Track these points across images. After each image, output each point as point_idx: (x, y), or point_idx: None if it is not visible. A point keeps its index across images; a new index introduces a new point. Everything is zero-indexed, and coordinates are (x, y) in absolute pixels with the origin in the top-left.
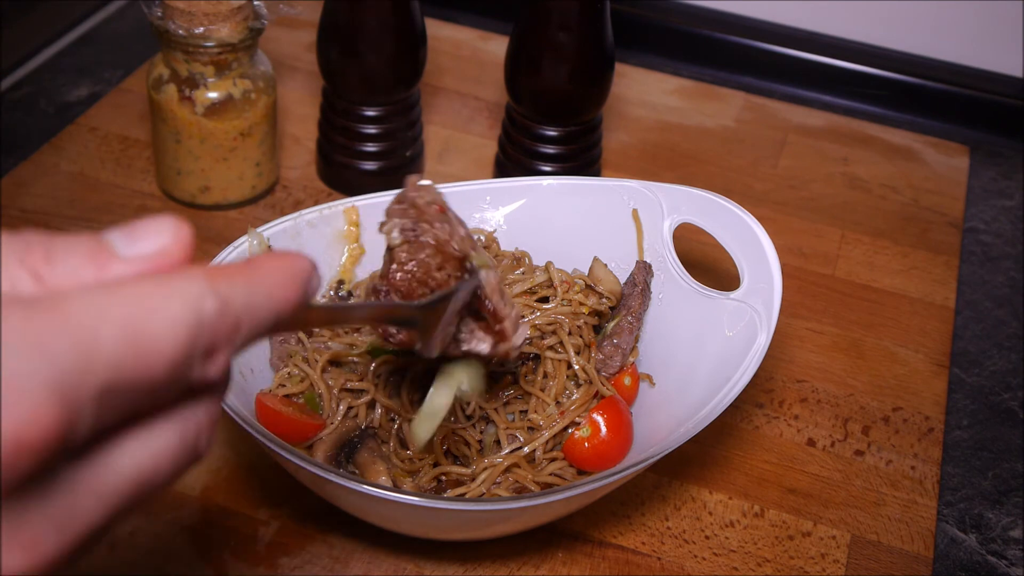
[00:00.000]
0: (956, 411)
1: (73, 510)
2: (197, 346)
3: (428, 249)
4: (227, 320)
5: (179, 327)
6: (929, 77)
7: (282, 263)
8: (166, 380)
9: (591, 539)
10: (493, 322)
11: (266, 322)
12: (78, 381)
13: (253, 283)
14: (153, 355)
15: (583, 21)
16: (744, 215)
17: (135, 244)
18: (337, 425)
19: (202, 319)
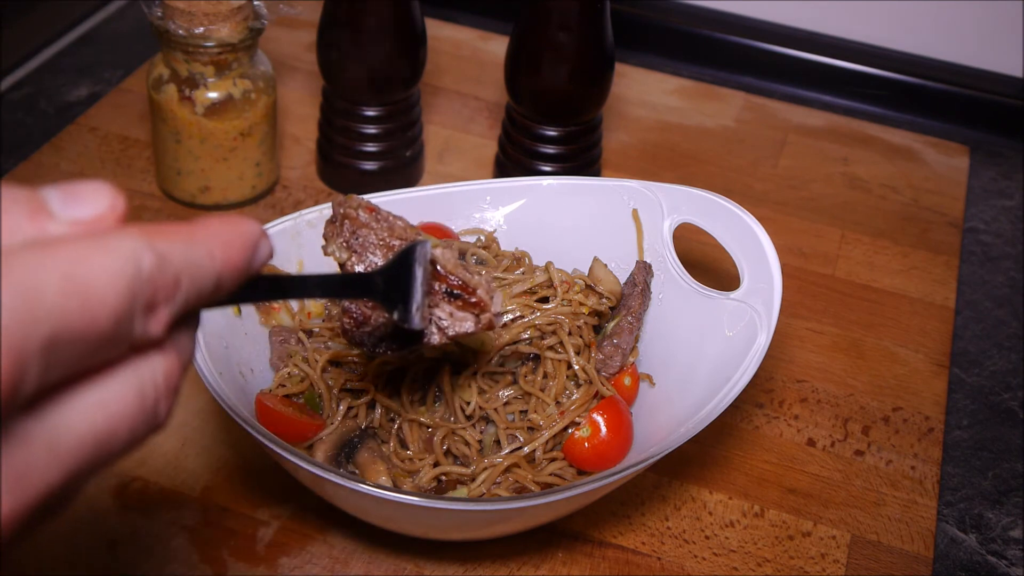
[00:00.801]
0: (956, 411)
1: (27, 467)
2: (137, 299)
3: (376, 250)
4: (166, 276)
5: (118, 279)
6: (929, 77)
7: (226, 225)
8: (110, 332)
9: (591, 539)
10: (467, 294)
11: (207, 282)
12: (23, 332)
13: (193, 242)
14: (95, 306)
15: (583, 21)
16: (744, 215)
17: (72, 206)
18: (337, 425)
19: (140, 272)
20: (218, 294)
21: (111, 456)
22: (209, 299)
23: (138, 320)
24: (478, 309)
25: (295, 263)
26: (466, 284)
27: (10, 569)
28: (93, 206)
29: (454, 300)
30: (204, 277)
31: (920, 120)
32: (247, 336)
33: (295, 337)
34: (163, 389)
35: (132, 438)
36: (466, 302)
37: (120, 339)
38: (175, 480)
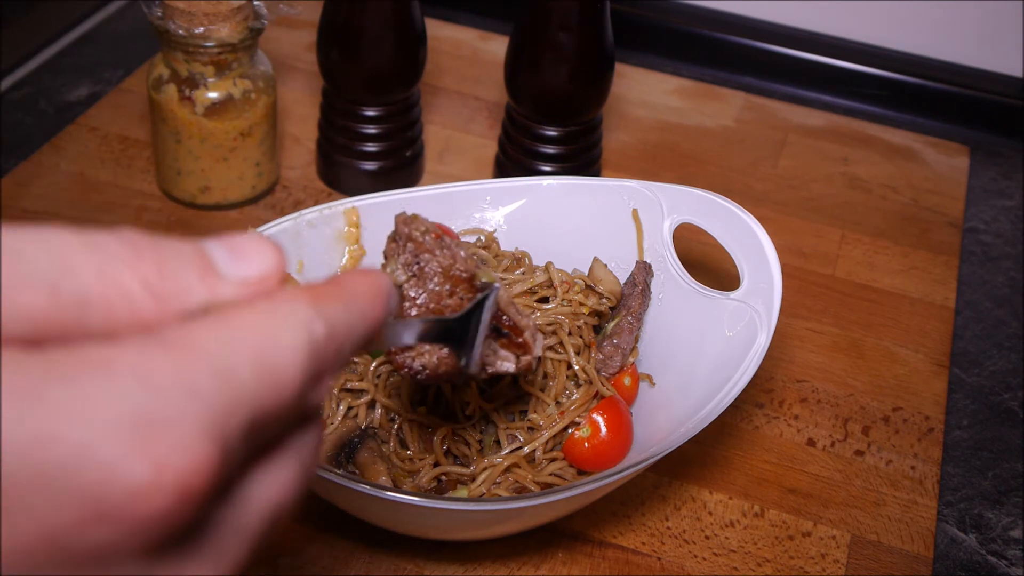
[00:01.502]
0: (956, 411)
1: (222, 553)
2: (313, 372)
3: (435, 278)
4: (333, 344)
5: (300, 355)
6: (929, 77)
7: (368, 281)
8: (293, 409)
9: (591, 539)
10: (515, 335)
11: (360, 343)
12: (227, 420)
13: (349, 303)
14: (283, 384)
15: (583, 21)
16: (744, 215)
17: (238, 265)
18: (337, 425)
19: (314, 343)
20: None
21: (277, 526)
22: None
23: (311, 391)
24: (521, 351)
25: (295, 263)
26: (516, 325)
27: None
28: (259, 265)
29: (500, 337)
30: (358, 339)
31: (920, 120)
32: None
33: None
34: (315, 448)
35: (295, 502)
36: (511, 341)
37: (296, 414)
38: None
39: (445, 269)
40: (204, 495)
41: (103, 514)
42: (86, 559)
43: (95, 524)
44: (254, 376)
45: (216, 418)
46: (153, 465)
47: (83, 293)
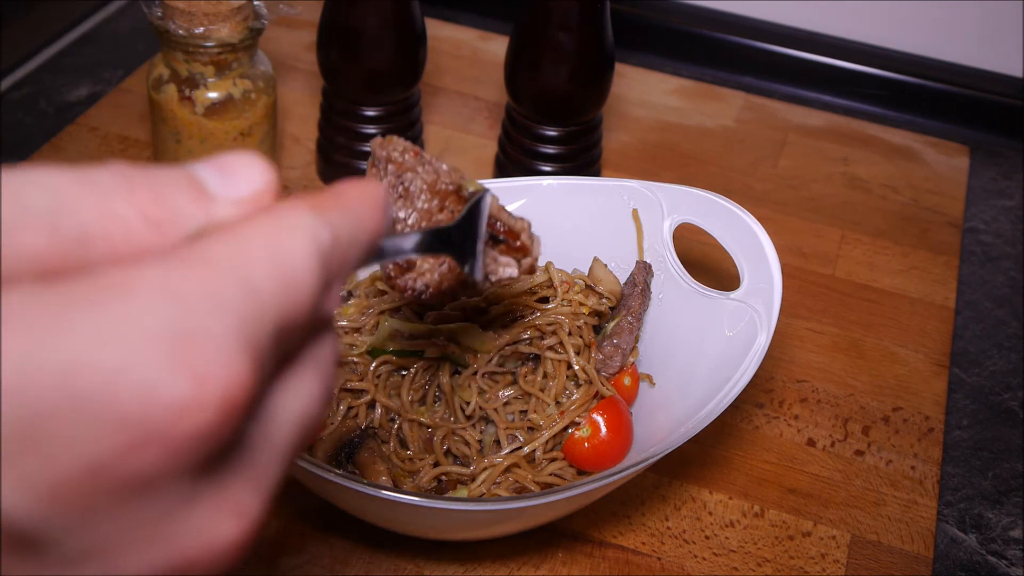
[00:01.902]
0: (956, 411)
1: (261, 467)
2: (323, 279)
3: (422, 195)
4: (338, 251)
5: (311, 260)
6: (929, 77)
7: (364, 189)
8: (311, 317)
9: (591, 539)
10: (511, 239)
11: (364, 253)
12: (257, 330)
13: (349, 212)
14: (300, 292)
15: (583, 21)
16: (744, 215)
17: (229, 184)
18: (337, 425)
19: (322, 249)
20: (367, 263)
21: (307, 442)
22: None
23: (322, 301)
24: (521, 254)
25: None
26: (511, 228)
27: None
28: (250, 183)
29: (497, 244)
30: (362, 248)
31: (920, 120)
32: None
33: None
34: (332, 360)
35: (321, 415)
36: (510, 247)
37: (312, 322)
38: None
39: (430, 185)
40: (244, 408)
41: (147, 437)
42: (133, 488)
43: (139, 449)
44: (274, 285)
45: (247, 328)
46: (194, 379)
47: (83, 229)
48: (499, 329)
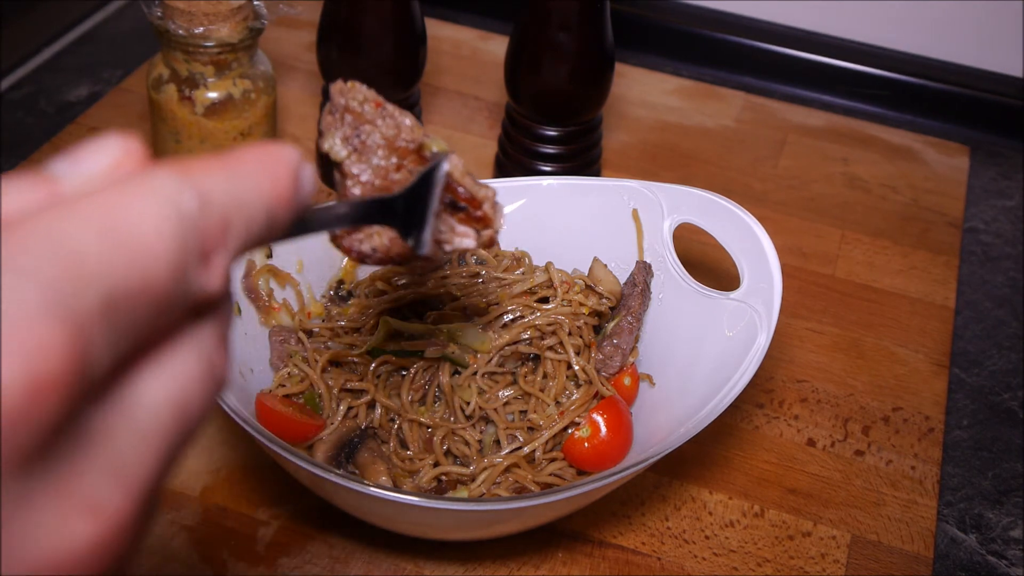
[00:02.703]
0: (956, 411)
1: (120, 457)
2: (189, 246)
3: (379, 151)
4: (213, 216)
5: (163, 222)
6: (929, 77)
7: (264, 151)
8: (170, 288)
9: (591, 539)
10: (473, 207)
11: (259, 220)
12: (76, 297)
13: (235, 175)
14: (146, 258)
15: (583, 21)
16: (744, 215)
17: (81, 164)
18: (337, 425)
19: (183, 214)
20: (271, 234)
21: (190, 430)
22: (261, 241)
23: (193, 272)
24: (481, 224)
25: (295, 263)
26: (473, 196)
27: None
28: (99, 158)
29: (457, 212)
30: (255, 216)
31: (920, 120)
32: (247, 336)
33: (295, 337)
34: (218, 342)
35: (205, 400)
36: (470, 215)
37: (180, 298)
38: (175, 480)
39: (389, 140)
40: (68, 387)
41: None
42: None
43: None
44: (103, 250)
45: (60, 297)
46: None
47: None
48: (499, 329)
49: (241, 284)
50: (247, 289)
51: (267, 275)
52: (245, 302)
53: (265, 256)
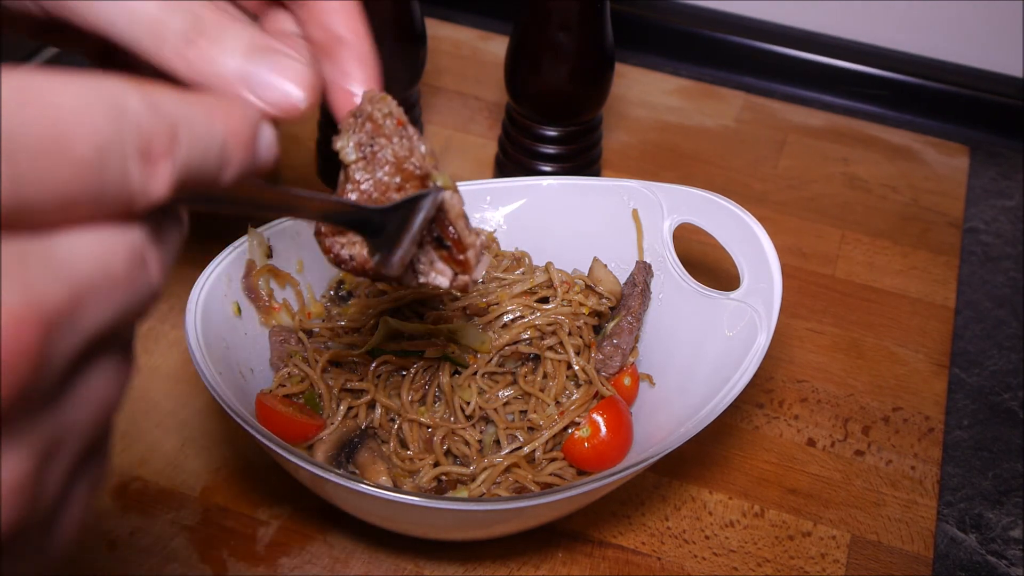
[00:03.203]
0: (956, 411)
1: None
2: (126, 135)
3: (386, 166)
4: (160, 123)
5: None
6: (929, 77)
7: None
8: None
9: (591, 539)
10: (457, 250)
11: (212, 147)
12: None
13: (190, 101)
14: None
15: (583, 21)
16: (744, 215)
17: None
18: (337, 425)
19: (124, 106)
20: (226, 171)
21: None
22: (215, 176)
23: (133, 165)
24: (460, 268)
25: (295, 263)
26: (461, 240)
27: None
28: None
29: (441, 249)
30: (207, 139)
31: (920, 120)
32: (247, 336)
33: (295, 337)
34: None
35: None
36: (452, 256)
37: (112, 182)
38: (175, 480)
39: (398, 160)
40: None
41: None
42: None
43: None
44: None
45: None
46: None
47: None
48: (499, 329)
49: (241, 284)
50: (247, 289)
51: (267, 275)
52: (245, 302)
53: (265, 256)
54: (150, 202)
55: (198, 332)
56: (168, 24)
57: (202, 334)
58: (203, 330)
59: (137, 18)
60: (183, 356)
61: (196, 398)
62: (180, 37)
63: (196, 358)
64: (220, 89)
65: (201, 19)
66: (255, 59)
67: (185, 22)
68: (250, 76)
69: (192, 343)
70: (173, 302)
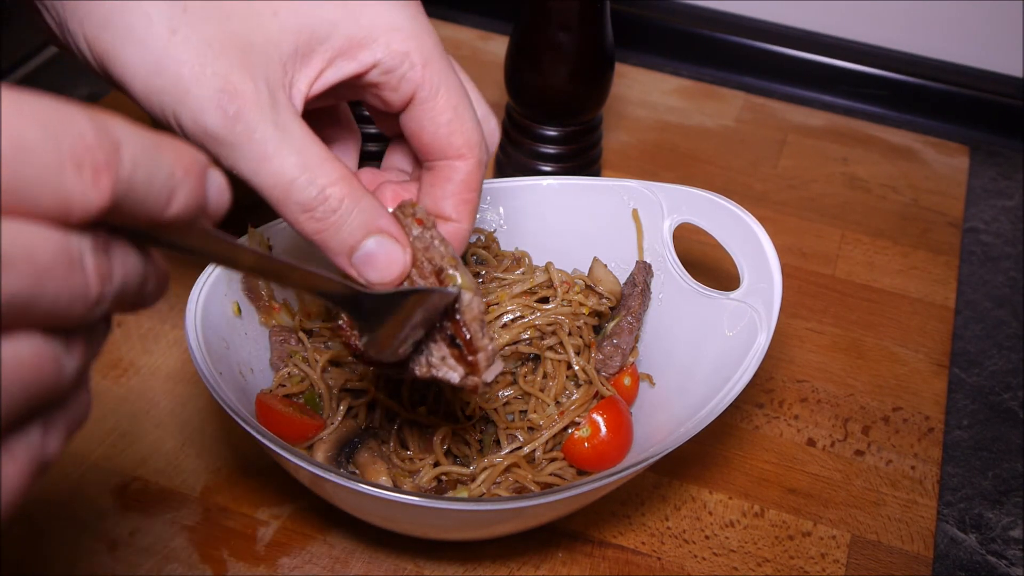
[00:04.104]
0: (956, 411)
1: None
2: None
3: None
4: (102, 136)
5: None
6: (929, 77)
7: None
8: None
9: (591, 539)
10: (467, 351)
11: (156, 174)
12: None
13: (140, 129)
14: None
15: (583, 21)
16: (744, 215)
17: None
18: (337, 425)
19: (70, 119)
20: (173, 202)
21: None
22: (162, 204)
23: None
24: (469, 369)
25: None
26: (472, 343)
27: (10, 569)
28: None
29: (453, 347)
30: (152, 164)
31: (920, 120)
32: (247, 336)
33: (295, 337)
34: (104, 266)
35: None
36: (462, 356)
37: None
38: (175, 480)
39: (414, 251)
40: None
41: None
42: None
43: None
44: None
45: None
46: None
47: None
48: (499, 329)
49: (241, 284)
50: (247, 289)
51: None
52: (245, 302)
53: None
54: (87, 210)
55: (198, 332)
56: (294, 195)
57: (202, 334)
58: (203, 330)
59: (267, 183)
60: (183, 356)
61: (196, 398)
62: (300, 208)
63: (196, 358)
64: (328, 254)
65: (327, 197)
66: (367, 242)
67: (309, 197)
68: (358, 256)
69: (192, 343)
70: (173, 302)
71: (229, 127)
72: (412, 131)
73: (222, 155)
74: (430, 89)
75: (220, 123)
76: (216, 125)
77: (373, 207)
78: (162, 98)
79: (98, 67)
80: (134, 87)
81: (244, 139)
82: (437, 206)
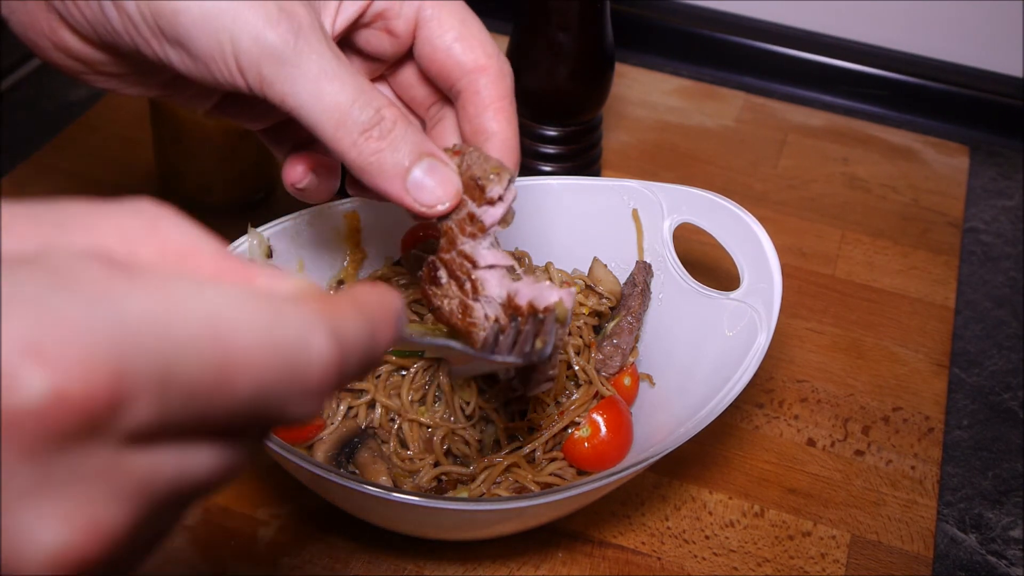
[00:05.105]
0: (956, 411)
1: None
2: (297, 382)
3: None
4: (338, 368)
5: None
6: (929, 77)
7: (382, 299)
8: (244, 408)
9: (591, 539)
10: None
11: (365, 368)
12: (141, 357)
13: (361, 321)
14: (237, 366)
15: (583, 21)
16: (744, 215)
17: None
18: (337, 425)
19: (310, 358)
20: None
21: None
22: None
23: (294, 404)
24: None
25: (295, 262)
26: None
27: None
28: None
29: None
30: (364, 363)
31: (920, 120)
32: None
33: None
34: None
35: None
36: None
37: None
38: None
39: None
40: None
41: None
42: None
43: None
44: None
45: (129, 350)
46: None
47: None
48: None
49: None
50: None
51: None
52: None
53: (265, 256)
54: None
55: None
56: (352, 115)
57: None
58: None
59: (326, 105)
60: None
61: None
62: (359, 129)
63: None
64: (382, 179)
65: (383, 118)
66: (420, 164)
67: (367, 117)
68: (412, 178)
69: None
70: None
71: (291, 43)
72: (427, 56)
73: (279, 76)
74: (433, 6)
75: (283, 39)
76: (278, 41)
77: (419, 131)
78: (220, 20)
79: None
80: (190, 12)
81: (305, 57)
82: (475, 125)
